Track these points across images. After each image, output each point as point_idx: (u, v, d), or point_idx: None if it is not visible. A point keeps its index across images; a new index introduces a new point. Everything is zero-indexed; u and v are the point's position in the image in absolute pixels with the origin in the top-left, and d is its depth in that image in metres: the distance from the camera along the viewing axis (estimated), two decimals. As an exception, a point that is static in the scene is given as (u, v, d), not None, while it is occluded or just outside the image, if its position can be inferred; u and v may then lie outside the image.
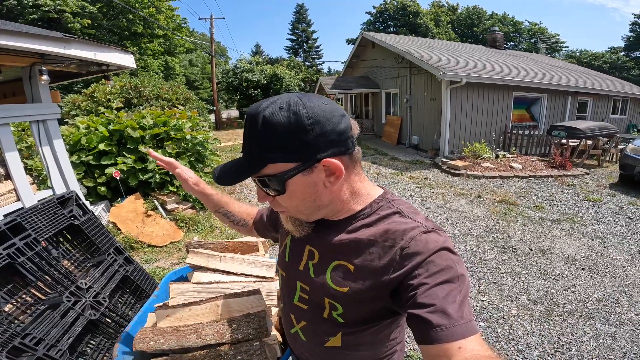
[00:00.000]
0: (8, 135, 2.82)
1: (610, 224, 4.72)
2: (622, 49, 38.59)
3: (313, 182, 0.66)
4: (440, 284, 0.61)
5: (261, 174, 0.65)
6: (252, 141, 0.64)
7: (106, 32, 22.32)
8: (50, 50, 2.54)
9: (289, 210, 0.73)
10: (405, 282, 0.65)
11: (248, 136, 0.64)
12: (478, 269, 3.53)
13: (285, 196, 0.68)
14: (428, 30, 39.00)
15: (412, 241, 0.67)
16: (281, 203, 0.71)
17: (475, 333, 0.56)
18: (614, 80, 16.05)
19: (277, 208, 0.74)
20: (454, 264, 0.65)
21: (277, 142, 0.61)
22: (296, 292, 0.83)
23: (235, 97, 24.86)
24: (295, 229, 0.78)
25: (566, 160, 7.95)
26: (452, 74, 8.59)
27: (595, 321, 2.67)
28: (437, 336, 0.55)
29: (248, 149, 0.65)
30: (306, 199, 0.69)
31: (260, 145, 0.63)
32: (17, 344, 1.39)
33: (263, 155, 0.63)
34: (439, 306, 0.57)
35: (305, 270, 0.80)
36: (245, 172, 0.65)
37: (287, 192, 0.67)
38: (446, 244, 0.67)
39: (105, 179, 4.57)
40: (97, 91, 10.11)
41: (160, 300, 1.50)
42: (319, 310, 0.78)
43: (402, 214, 0.74)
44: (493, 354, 0.52)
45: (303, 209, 0.71)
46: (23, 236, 1.71)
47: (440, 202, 5.81)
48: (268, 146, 0.62)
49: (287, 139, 0.61)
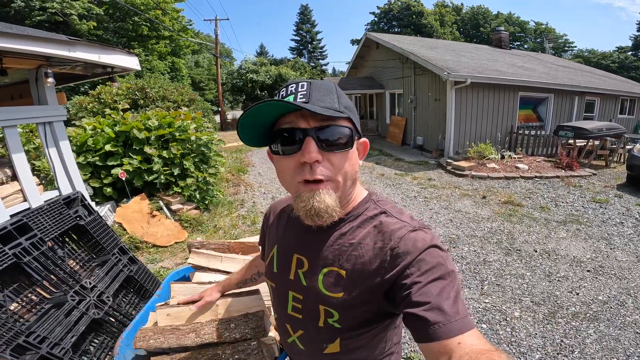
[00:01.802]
0: (15, 137, 2.87)
1: (617, 226, 4.67)
2: (630, 48, 38.12)
3: (356, 152, 0.75)
4: (433, 282, 0.61)
5: (341, 124, 0.68)
6: (330, 98, 0.69)
7: (113, 34, 22.55)
8: (55, 53, 2.58)
9: (337, 174, 0.68)
10: (399, 282, 0.65)
11: (324, 94, 0.68)
12: (481, 271, 3.51)
13: (346, 154, 0.69)
14: (433, 30, 38.86)
15: (400, 241, 0.68)
16: (334, 163, 0.67)
17: (472, 328, 0.57)
18: (622, 80, 15.86)
19: (323, 172, 0.66)
20: (444, 261, 0.65)
21: (351, 106, 0.72)
22: (289, 302, 0.82)
23: (240, 98, 24.97)
24: (330, 209, 0.67)
25: (573, 160, 7.87)
26: (457, 74, 8.56)
27: (600, 323, 2.65)
28: (435, 333, 0.56)
29: (325, 102, 0.67)
30: (354, 165, 0.72)
31: (343, 103, 0.70)
32: (21, 342, 1.42)
33: (344, 110, 0.69)
34: (434, 303, 0.58)
35: (296, 279, 0.80)
36: (335, 114, 0.66)
37: (352, 149, 0.71)
38: (434, 242, 0.68)
39: (112, 179, 4.61)
40: (104, 92, 10.22)
41: (162, 299, 1.52)
42: (315, 319, 0.77)
43: (388, 214, 0.75)
44: (492, 347, 0.53)
45: (348, 177, 0.71)
46: (29, 236, 1.74)
47: (444, 203, 5.79)
48: (347, 106, 0.71)
49: (354, 109, 0.74)
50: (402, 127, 12.37)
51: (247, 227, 4.77)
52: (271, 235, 0.94)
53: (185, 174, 5.10)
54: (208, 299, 1.21)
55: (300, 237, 0.81)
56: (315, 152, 0.64)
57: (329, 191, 0.67)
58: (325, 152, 0.66)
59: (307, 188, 0.67)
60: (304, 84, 0.68)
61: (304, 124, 0.66)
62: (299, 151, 0.66)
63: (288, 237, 0.86)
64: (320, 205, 0.66)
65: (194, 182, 5.09)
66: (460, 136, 9.42)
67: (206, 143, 5.43)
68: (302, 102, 0.65)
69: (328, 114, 0.64)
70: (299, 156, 0.66)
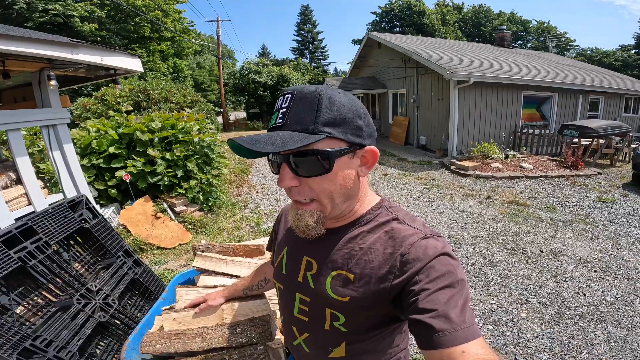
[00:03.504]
0: (19, 140, 2.88)
1: (623, 225, 4.63)
2: (633, 46, 37.89)
3: (351, 167, 0.69)
4: (442, 289, 0.61)
5: (314, 148, 0.63)
6: (308, 115, 0.63)
7: (115, 36, 22.64)
8: (58, 55, 2.58)
9: (319, 196, 0.68)
10: (407, 288, 0.65)
11: (302, 110, 0.64)
12: (487, 272, 3.49)
13: (327, 177, 0.65)
14: (435, 29, 38.71)
15: (411, 247, 0.67)
16: (313, 187, 0.67)
17: (478, 337, 0.56)
18: (626, 78, 15.75)
19: (301, 195, 0.68)
20: (454, 269, 0.65)
21: (339, 119, 0.64)
22: (295, 304, 0.82)
23: (243, 98, 25.01)
24: (310, 228, 0.71)
25: (578, 159, 7.82)
26: (460, 74, 8.52)
27: (607, 324, 2.62)
28: (440, 341, 0.55)
29: (300, 122, 0.63)
30: (343, 184, 0.68)
31: (322, 119, 0.63)
32: (28, 345, 1.42)
33: (322, 128, 0.63)
34: (441, 311, 0.57)
35: (304, 282, 0.80)
36: (302, 140, 0.61)
37: (332, 171, 0.65)
38: (445, 249, 0.67)
39: (116, 181, 4.63)
40: (107, 94, 10.26)
41: (167, 302, 1.51)
42: (320, 322, 0.77)
43: (400, 221, 0.74)
44: (497, 357, 0.52)
45: (336, 196, 0.68)
46: (34, 240, 1.74)
47: (448, 203, 5.76)
48: (329, 121, 0.64)
49: (347, 118, 0.65)
50: (404, 127, 12.34)
51: (250, 229, 4.77)
52: (282, 237, 0.95)
53: (189, 176, 5.10)
54: (211, 303, 1.21)
55: (311, 240, 0.80)
56: (288, 180, 0.66)
57: (311, 211, 0.70)
58: (302, 177, 0.66)
59: (295, 205, 0.71)
60: (288, 95, 0.66)
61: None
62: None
63: (298, 239, 0.85)
64: (301, 223, 0.71)
65: (197, 184, 5.09)
66: (464, 136, 9.37)
67: (209, 144, 5.43)
68: (279, 125, 0.65)
69: (287, 147, 0.59)
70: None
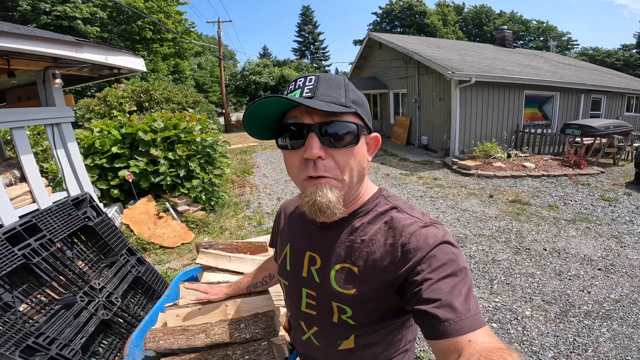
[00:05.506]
0: (23, 139, 2.88)
1: (627, 224, 4.60)
2: (634, 46, 37.79)
3: (364, 147, 0.72)
4: (444, 278, 0.60)
5: (347, 120, 0.66)
6: (338, 92, 0.66)
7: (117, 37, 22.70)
8: (63, 54, 2.59)
9: (342, 171, 0.67)
10: (410, 278, 0.65)
11: (331, 88, 0.66)
12: (490, 270, 3.47)
13: (351, 150, 0.67)
14: (436, 30, 38.69)
15: (411, 237, 0.67)
16: (338, 160, 0.66)
17: (483, 325, 0.56)
18: (628, 78, 15.68)
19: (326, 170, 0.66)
20: (456, 257, 0.64)
21: (359, 101, 0.70)
22: (302, 299, 0.82)
23: (244, 99, 25.03)
24: (332, 205, 0.66)
25: (580, 158, 7.78)
26: (461, 73, 8.50)
27: (612, 322, 2.60)
28: (446, 331, 0.55)
29: (332, 96, 0.66)
30: (361, 162, 0.70)
31: (350, 97, 0.67)
32: (30, 343, 1.42)
33: (351, 105, 0.67)
34: (445, 300, 0.57)
35: (309, 277, 0.80)
36: (339, 109, 0.63)
37: (357, 145, 0.68)
38: (446, 237, 0.67)
39: (118, 181, 4.63)
40: (110, 95, 10.30)
41: (171, 300, 1.51)
42: (328, 315, 0.77)
43: (399, 209, 0.74)
44: (504, 345, 0.52)
45: (354, 174, 0.69)
46: (38, 237, 1.75)
47: (451, 203, 5.74)
48: (355, 100, 0.68)
49: (365, 103, 0.72)
50: (406, 127, 12.32)
51: (253, 228, 4.77)
52: (283, 234, 0.94)
53: (191, 176, 5.11)
54: (212, 297, 1.21)
55: (313, 235, 0.81)
56: (317, 149, 0.64)
57: (332, 187, 0.66)
58: (329, 148, 0.65)
59: (311, 183, 0.67)
60: (312, 77, 0.67)
61: (308, 119, 0.65)
62: (303, 146, 0.65)
63: (300, 234, 0.87)
64: (323, 200, 0.65)
65: (199, 184, 5.09)
66: (466, 135, 9.35)
67: (211, 144, 5.44)
68: (308, 96, 0.65)
69: (330, 109, 0.61)
70: (303, 151, 0.65)
